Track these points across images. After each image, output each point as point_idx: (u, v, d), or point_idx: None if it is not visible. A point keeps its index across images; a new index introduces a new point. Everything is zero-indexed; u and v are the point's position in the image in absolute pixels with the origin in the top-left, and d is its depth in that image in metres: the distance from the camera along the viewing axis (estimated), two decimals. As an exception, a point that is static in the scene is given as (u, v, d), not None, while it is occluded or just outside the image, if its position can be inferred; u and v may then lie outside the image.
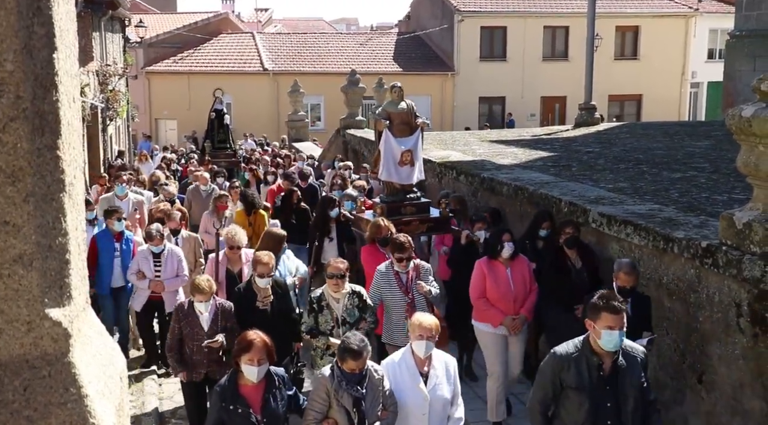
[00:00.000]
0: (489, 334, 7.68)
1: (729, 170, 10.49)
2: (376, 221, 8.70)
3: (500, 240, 7.55)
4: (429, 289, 7.46)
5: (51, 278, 2.12)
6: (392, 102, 9.53)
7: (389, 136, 9.37)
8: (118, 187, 12.54)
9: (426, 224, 9.64)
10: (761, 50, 15.93)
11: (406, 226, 9.23)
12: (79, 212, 2.28)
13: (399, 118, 9.46)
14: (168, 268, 9.38)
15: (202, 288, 7.01)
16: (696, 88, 41.07)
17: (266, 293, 7.35)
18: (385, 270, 7.51)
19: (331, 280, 6.91)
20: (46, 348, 2.10)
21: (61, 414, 2.08)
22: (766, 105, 5.68)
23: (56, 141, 2.12)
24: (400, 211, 9.62)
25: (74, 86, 2.28)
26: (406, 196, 9.78)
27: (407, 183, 9.72)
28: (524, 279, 7.66)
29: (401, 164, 9.49)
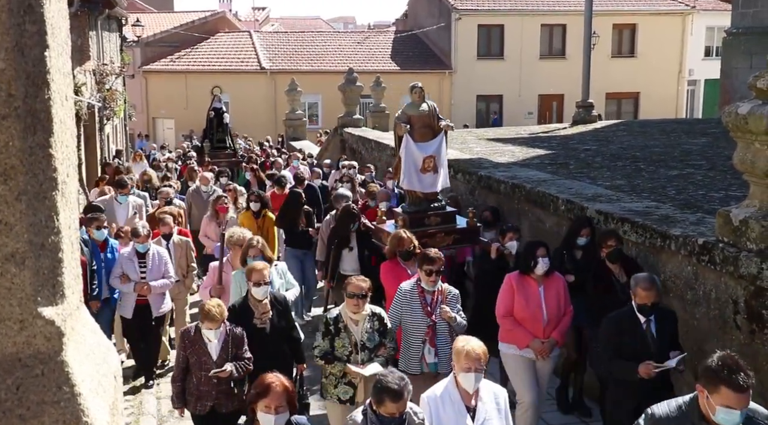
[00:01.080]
0: (514, 357, 6.98)
1: (726, 167, 10.50)
2: (397, 234, 7.87)
3: (534, 255, 6.79)
4: (454, 316, 6.65)
5: (44, 277, 2.11)
6: (413, 104, 8.89)
7: (410, 141, 8.69)
8: (121, 196, 11.80)
9: (452, 236, 8.92)
10: (758, 48, 15.95)
11: (431, 238, 8.59)
12: (72, 211, 2.27)
13: (420, 121, 8.78)
14: (154, 269, 8.84)
15: (212, 315, 6.25)
16: (693, 86, 41.08)
17: (264, 309, 6.73)
18: (409, 288, 6.76)
19: (351, 300, 6.21)
20: (39, 346, 2.10)
21: (54, 412, 2.07)
22: (762, 102, 5.68)
23: (48, 139, 2.11)
24: (424, 222, 8.93)
25: (67, 84, 2.27)
26: (430, 205, 9.09)
27: (431, 191, 9.03)
28: (558, 299, 6.92)
29: (423, 171, 8.81)
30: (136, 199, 12.14)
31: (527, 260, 6.89)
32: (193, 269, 10.01)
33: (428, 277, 6.63)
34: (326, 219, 10.40)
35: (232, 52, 39.69)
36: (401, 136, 8.79)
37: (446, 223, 9.06)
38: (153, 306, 8.91)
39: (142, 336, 9.04)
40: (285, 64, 38.67)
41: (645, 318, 5.73)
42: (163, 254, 8.99)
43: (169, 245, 9.61)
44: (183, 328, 7.02)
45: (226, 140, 21.98)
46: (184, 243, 9.83)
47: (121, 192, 11.70)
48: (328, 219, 10.27)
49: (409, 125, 8.70)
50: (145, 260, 8.82)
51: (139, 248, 8.82)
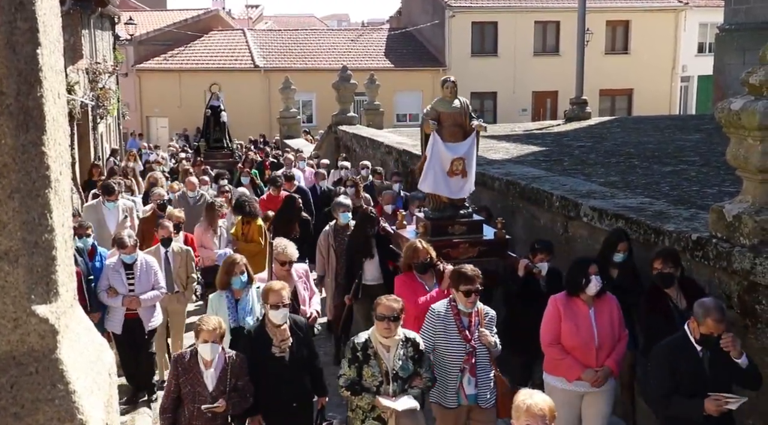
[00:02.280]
0: (562, 392, 6.09)
1: (719, 163, 10.53)
2: (411, 244, 7.06)
3: (585, 273, 5.99)
4: (494, 340, 6.02)
5: (37, 275, 2.11)
6: (443, 100, 7.98)
7: (438, 140, 7.80)
8: (109, 203, 10.87)
9: (477, 248, 8.05)
10: (750, 44, 15.96)
11: (453, 249, 7.85)
12: (65, 209, 2.27)
13: (451, 119, 7.90)
14: (143, 280, 8.16)
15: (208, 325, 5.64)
16: (686, 82, 41.15)
17: (284, 336, 5.92)
18: (443, 309, 6.05)
19: (382, 323, 5.50)
20: (33, 344, 2.10)
21: (48, 410, 2.07)
22: (754, 98, 5.70)
23: (41, 137, 2.11)
24: (447, 230, 8.09)
25: (59, 82, 2.27)
26: (456, 212, 8.21)
27: (458, 197, 8.16)
28: (612, 323, 6.10)
29: (451, 174, 7.91)
30: (125, 201, 11.37)
31: (577, 278, 6.05)
32: (193, 280, 9.36)
33: (467, 298, 5.90)
34: (325, 230, 9.50)
35: (226, 51, 39.63)
36: (428, 134, 7.95)
37: (472, 233, 8.19)
38: (144, 320, 8.27)
39: (133, 352, 8.40)
40: (279, 62, 38.62)
41: (702, 347, 5.14)
42: (152, 264, 8.33)
43: (167, 253, 8.91)
44: (177, 353, 6.23)
45: (224, 139, 21.04)
46: (184, 252, 9.11)
47: (108, 199, 10.82)
48: (327, 230, 9.44)
49: (437, 123, 7.83)
50: (133, 271, 8.16)
51: (126, 259, 8.15)
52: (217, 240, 10.17)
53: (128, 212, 11.07)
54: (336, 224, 9.38)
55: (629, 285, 6.68)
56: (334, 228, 9.37)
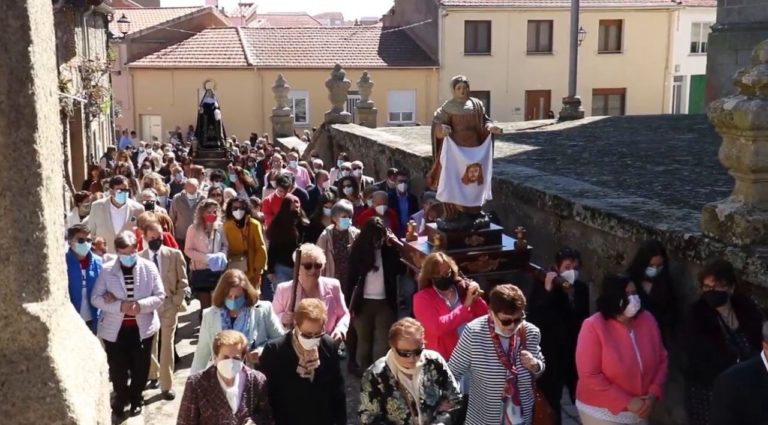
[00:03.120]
0: (605, 424, 5.68)
1: (712, 162, 10.55)
2: (433, 258, 6.47)
3: (623, 292, 5.51)
4: (537, 363, 5.53)
5: (28, 273, 2.10)
6: (455, 101, 7.36)
7: (452, 145, 7.18)
8: (119, 194, 10.46)
9: (498, 260, 7.43)
10: (743, 44, 16.04)
11: (472, 262, 7.27)
12: (57, 206, 2.26)
13: (464, 122, 7.29)
14: (142, 286, 7.76)
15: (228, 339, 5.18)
16: (679, 82, 41.27)
17: (312, 357, 5.46)
18: (480, 330, 5.55)
19: (405, 359, 4.96)
20: (23, 342, 2.09)
21: (39, 408, 2.07)
22: (747, 98, 5.71)
23: (33, 135, 2.10)
24: (464, 242, 7.46)
25: (51, 80, 2.26)
26: (473, 222, 7.56)
27: (473, 206, 7.52)
28: (653, 344, 5.66)
29: (466, 181, 7.29)
30: (135, 203, 10.86)
31: (614, 299, 5.55)
32: (184, 285, 8.99)
33: (505, 326, 5.42)
34: (323, 236, 8.98)
35: (219, 49, 39.58)
36: (440, 139, 7.30)
37: (490, 244, 7.56)
38: (141, 327, 7.86)
39: (128, 361, 8.02)
40: (272, 61, 38.58)
41: None
42: (151, 269, 7.97)
43: (156, 256, 8.56)
44: (191, 376, 5.54)
45: (218, 138, 20.27)
46: (173, 255, 8.77)
47: (120, 188, 10.42)
48: (325, 235, 8.97)
49: (450, 127, 7.21)
50: (132, 276, 7.73)
51: (125, 262, 7.71)
52: (209, 243, 9.88)
53: (136, 215, 10.38)
54: (335, 229, 8.94)
55: (665, 302, 6.20)
56: (333, 233, 8.94)
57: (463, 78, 7.40)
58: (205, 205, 9.99)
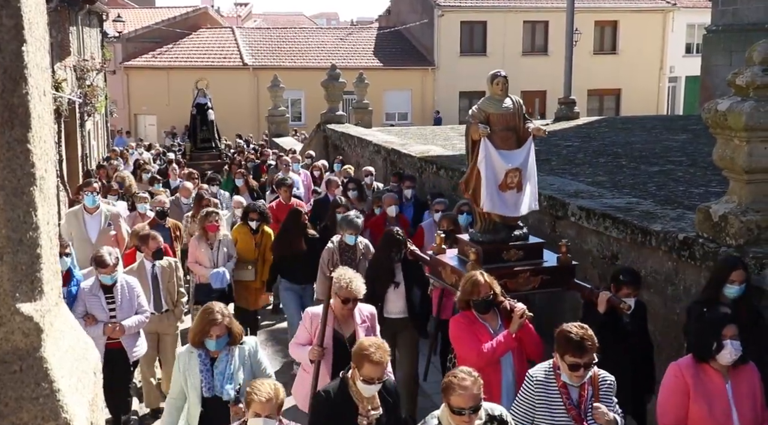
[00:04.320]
0: None
1: (706, 163, 10.58)
2: (472, 277, 5.63)
3: (717, 333, 4.66)
4: (614, 418, 4.67)
5: (22, 273, 2.10)
6: (493, 98, 6.58)
7: (490, 148, 6.38)
8: (87, 197, 9.56)
9: (539, 277, 6.61)
10: (737, 45, 16.07)
11: (512, 279, 6.46)
12: (50, 206, 2.26)
13: (502, 121, 6.48)
14: (125, 304, 7.11)
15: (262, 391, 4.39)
16: (674, 83, 41.37)
17: (374, 404, 4.77)
18: (544, 378, 4.74)
19: (460, 417, 4.21)
20: (17, 342, 2.09)
21: (32, 408, 2.06)
22: (741, 99, 5.73)
23: (26, 134, 2.10)
24: (502, 256, 6.63)
25: (45, 79, 2.25)
26: (511, 234, 6.72)
27: (513, 216, 6.66)
28: (754, 400, 4.77)
29: (504, 188, 6.50)
30: (109, 207, 10.07)
31: (708, 340, 4.71)
32: (183, 295, 8.41)
33: (574, 372, 4.56)
34: (329, 248, 8.33)
35: (215, 48, 39.54)
36: (476, 140, 6.49)
37: (531, 258, 6.73)
38: (127, 349, 7.18)
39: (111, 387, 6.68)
40: (267, 61, 38.55)
41: None
42: (133, 285, 7.29)
43: (155, 267, 8.01)
44: None
45: (212, 139, 19.67)
46: (171, 265, 8.18)
47: (87, 190, 9.66)
48: (332, 247, 8.31)
49: (487, 127, 6.39)
50: (113, 295, 7.06)
51: (106, 281, 7.00)
52: (213, 255, 9.25)
53: (113, 219, 9.71)
54: (342, 241, 8.31)
55: (751, 329, 5.10)
56: (339, 245, 8.29)
57: (502, 73, 6.60)
58: (205, 214, 9.26)
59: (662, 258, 6.73)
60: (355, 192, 10.94)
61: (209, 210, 9.40)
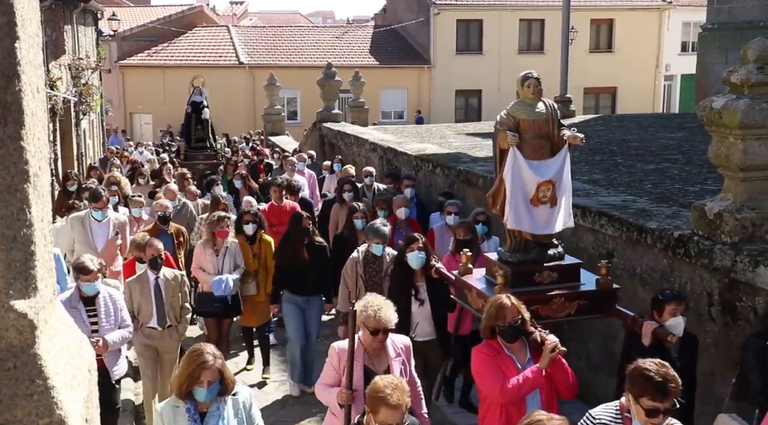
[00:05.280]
0: None
1: (701, 161, 10.59)
2: (497, 300, 4.98)
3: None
4: None
5: (16, 270, 2.10)
6: (523, 103, 5.91)
7: (519, 158, 5.75)
8: (97, 213, 9.15)
9: (576, 302, 5.92)
10: (733, 43, 16.08)
11: (544, 305, 5.81)
12: (44, 204, 2.26)
13: (534, 128, 5.84)
14: (108, 318, 6.56)
15: None
16: (670, 81, 41.40)
17: None
18: (610, 422, 4.15)
19: None
20: (11, 339, 2.08)
21: (27, 405, 2.06)
22: (736, 97, 5.75)
23: (20, 132, 2.10)
24: (533, 278, 5.97)
25: (38, 77, 2.25)
26: (544, 253, 6.04)
27: (544, 233, 6.00)
28: None
29: (536, 203, 5.88)
30: (118, 215, 9.65)
31: None
32: (188, 311, 7.85)
33: (651, 418, 3.87)
34: (352, 258, 7.70)
35: (210, 47, 39.50)
36: (504, 149, 5.85)
37: (566, 280, 6.04)
38: (109, 367, 6.55)
39: None
40: (263, 59, 38.52)
41: None
42: (116, 297, 6.76)
43: (158, 279, 7.48)
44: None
45: (207, 138, 19.09)
46: (178, 278, 7.67)
47: (95, 207, 9.10)
48: (355, 257, 7.68)
49: (517, 135, 5.76)
50: (95, 307, 6.49)
51: (88, 290, 6.41)
52: (218, 263, 8.62)
53: (120, 228, 9.30)
54: (367, 250, 7.69)
55: None
56: (364, 255, 7.67)
57: (534, 74, 5.95)
58: (217, 219, 8.63)
59: (658, 256, 6.74)
60: (351, 194, 10.45)
61: (221, 215, 8.77)
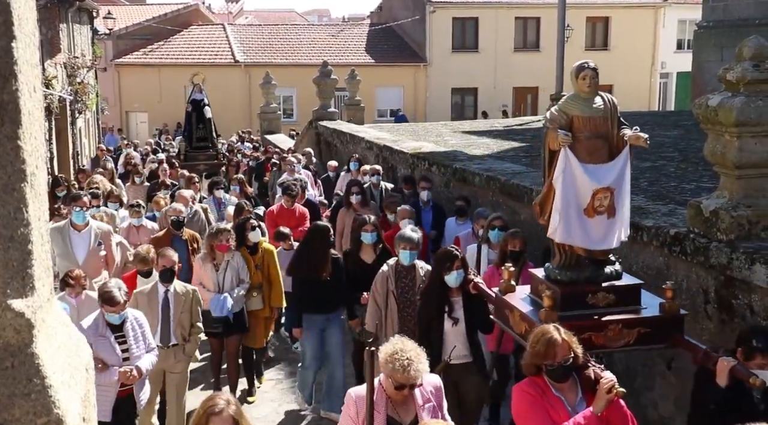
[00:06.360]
0: None
1: (697, 158, 10.61)
2: (545, 334, 4.26)
3: None
4: None
5: (13, 269, 2.10)
6: (578, 97, 5.24)
7: (572, 161, 5.02)
8: (76, 213, 8.35)
9: (636, 330, 5.14)
10: (728, 41, 16.10)
11: (599, 333, 5.05)
12: (41, 203, 2.26)
13: (590, 126, 5.11)
14: (135, 344, 6.07)
15: None
16: (665, 79, 41.44)
17: None
18: None
19: None
20: (8, 339, 2.08)
21: (24, 404, 2.06)
22: (731, 94, 5.75)
23: (17, 131, 2.09)
24: (586, 300, 5.20)
25: (35, 76, 2.25)
26: (601, 271, 5.28)
27: (600, 248, 5.25)
28: None
29: (590, 213, 5.10)
30: (99, 224, 8.76)
31: None
32: (199, 330, 7.26)
33: None
34: (383, 272, 6.99)
35: (206, 45, 39.44)
36: (555, 150, 5.12)
37: (624, 304, 5.26)
38: (137, 393, 6.16)
39: None
40: (259, 58, 38.48)
41: None
42: (140, 319, 6.25)
43: (168, 292, 7.01)
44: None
45: (209, 138, 18.24)
46: (189, 293, 7.12)
47: (76, 204, 8.44)
48: (385, 271, 6.97)
49: (570, 134, 5.04)
50: (123, 333, 6.01)
51: (114, 320, 5.94)
52: (218, 279, 7.97)
53: (103, 237, 8.55)
54: (397, 263, 6.99)
55: None
56: (395, 268, 6.97)
57: (591, 63, 5.22)
58: (215, 231, 7.95)
59: (654, 253, 6.75)
60: (359, 196, 9.94)
61: (220, 227, 8.09)
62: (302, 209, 10.35)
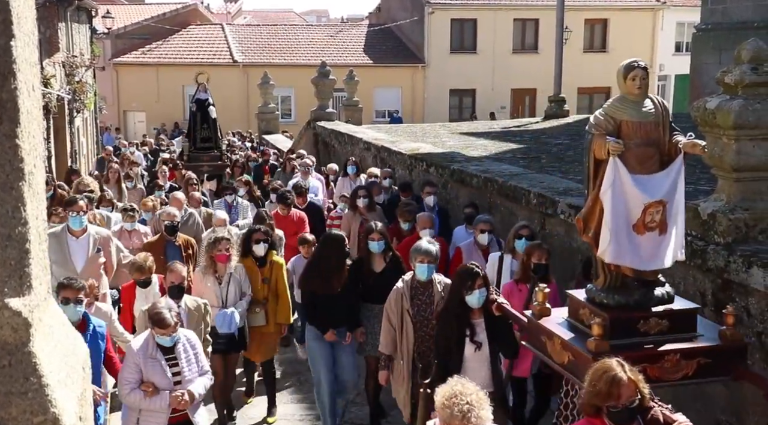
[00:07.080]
0: None
1: (695, 161, 10.59)
2: (610, 373, 3.76)
3: None
4: None
5: (10, 268, 2.10)
6: (626, 99, 4.73)
7: (621, 171, 4.53)
8: (73, 218, 7.91)
9: (696, 360, 4.59)
10: (726, 44, 16.12)
11: (654, 364, 4.52)
12: (39, 202, 2.26)
13: (641, 132, 4.62)
14: (188, 367, 5.67)
15: None
16: (664, 81, 41.48)
17: None
18: None
19: None
20: (5, 337, 2.09)
21: (21, 403, 2.06)
22: (729, 97, 5.76)
23: (15, 130, 2.10)
24: (637, 327, 4.66)
25: (33, 75, 2.25)
26: (652, 293, 4.78)
27: (650, 269, 4.76)
28: None
29: (641, 230, 4.62)
30: (98, 229, 8.33)
31: None
32: (208, 344, 6.72)
33: None
34: (397, 288, 6.43)
35: (204, 45, 39.41)
36: (601, 160, 4.64)
37: (679, 330, 4.73)
38: (191, 416, 5.75)
39: None
40: (257, 58, 38.45)
41: None
42: (193, 340, 5.83)
43: (180, 308, 6.38)
44: None
45: (214, 138, 17.50)
46: (200, 308, 6.70)
47: (72, 209, 7.95)
48: (400, 288, 6.41)
49: (619, 142, 4.54)
50: (174, 355, 5.61)
51: (165, 342, 5.53)
52: (221, 292, 7.39)
53: (102, 244, 8.12)
54: (413, 279, 6.44)
55: None
56: (410, 285, 6.41)
57: (641, 62, 4.70)
58: (213, 241, 7.36)
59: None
60: (366, 200, 9.49)
61: (219, 236, 7.45)
62: (300, 215, 9.97)
